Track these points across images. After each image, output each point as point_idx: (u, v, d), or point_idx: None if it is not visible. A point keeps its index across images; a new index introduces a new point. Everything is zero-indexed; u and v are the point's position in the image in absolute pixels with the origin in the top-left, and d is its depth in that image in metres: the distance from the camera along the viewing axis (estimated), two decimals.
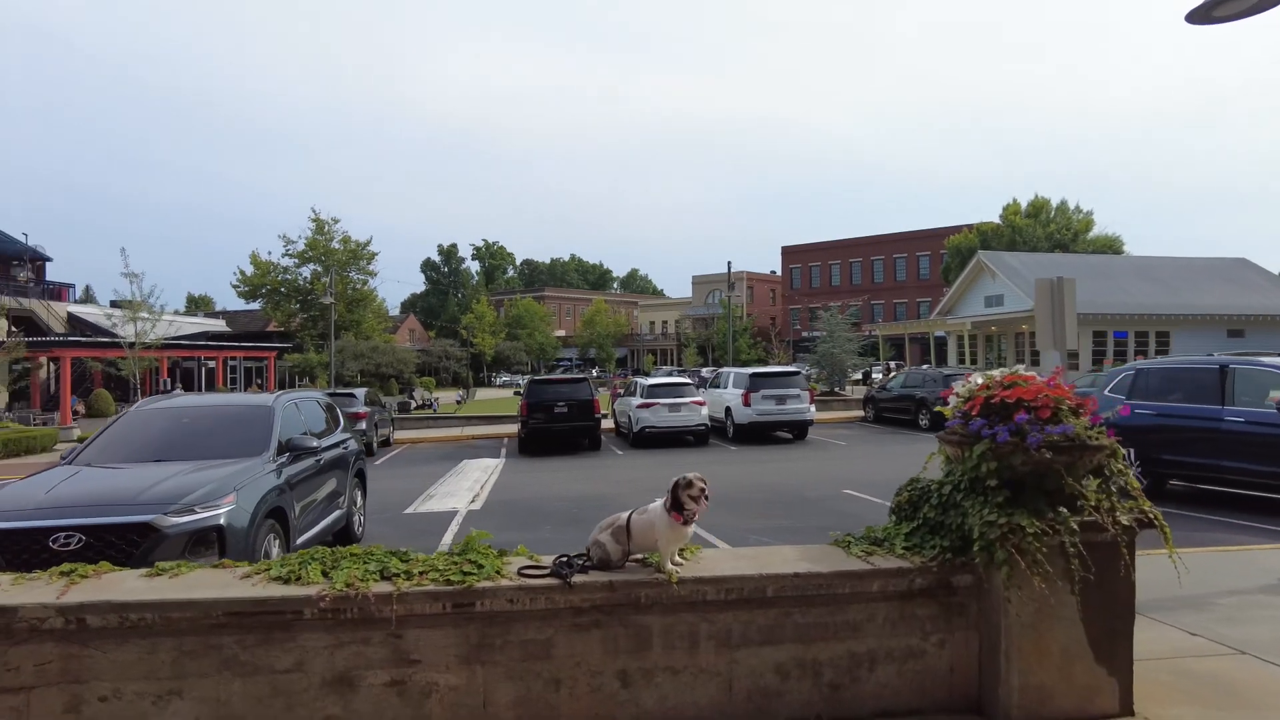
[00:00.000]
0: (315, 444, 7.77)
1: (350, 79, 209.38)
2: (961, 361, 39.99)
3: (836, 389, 34.03)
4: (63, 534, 5.46)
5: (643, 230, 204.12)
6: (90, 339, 31.18)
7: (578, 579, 3.43)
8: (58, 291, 40.14)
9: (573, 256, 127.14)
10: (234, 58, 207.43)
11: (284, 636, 3.25)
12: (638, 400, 21.87)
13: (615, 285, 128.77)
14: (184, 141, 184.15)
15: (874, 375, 36.46)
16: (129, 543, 5.55)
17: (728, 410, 22.75)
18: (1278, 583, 6.17)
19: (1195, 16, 6.60)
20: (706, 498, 3.52)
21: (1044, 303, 5.83)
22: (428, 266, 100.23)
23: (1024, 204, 51.19)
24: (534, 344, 71.11)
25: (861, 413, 28.77)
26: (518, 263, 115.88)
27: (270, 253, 45.10)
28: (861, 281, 73.33)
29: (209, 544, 5.87)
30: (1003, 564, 3.51)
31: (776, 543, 9.17)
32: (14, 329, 30.77)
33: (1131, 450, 11.17)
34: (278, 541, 6.77)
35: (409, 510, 12.14)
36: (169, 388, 32.76)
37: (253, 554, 6.16)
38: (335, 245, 42.80)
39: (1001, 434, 3.61)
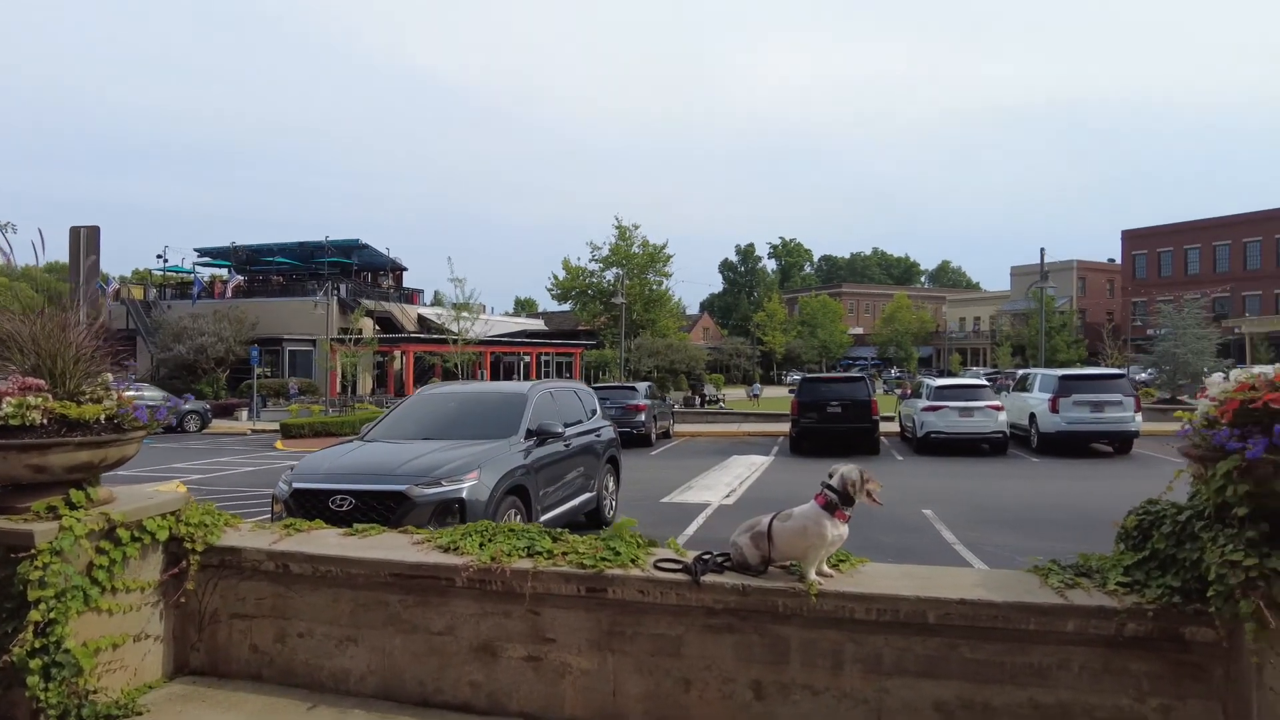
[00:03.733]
0: (561, 429, 8.35)
1: (652, 88, 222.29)
2: None
3: (1180, 396, 28.69)
4: (338, 496, 6.48)
5: (955, 220, 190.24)
6: (426, 335, 36.93)
7: (709, 578, 3.27)
8: (410, 296, 48.09)
9: (875, 250, 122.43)
10: (543, 70, 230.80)
11: (439, 601, 3.53)
12: (924, 403, 20.41)
13: (923, 279, 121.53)
14: (510, 155, 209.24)
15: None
16: (386, 508, 6.42)
17: (1031, 417, 20.36)
18: None
19: None
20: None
21: None
22: (725, 267, 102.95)
23: None
24: (819, 342, 69.57)
25: None
26: (815, 259, 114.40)
27: (579, 258, 49.52)
28: (1230, 268, 60.99)
29: (452, 513, 6.58)
30: (1247, 619, 2.68)
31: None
32: (377, 328, 37.62)
33: None
34: (519, 516, 7.38)
35: (665, 499, 12.54)
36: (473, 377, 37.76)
37: None
38: (635, 250, 45.77)
39: (1255, 448, 2.75)
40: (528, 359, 44.51)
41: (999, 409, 19.71)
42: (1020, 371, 23.38)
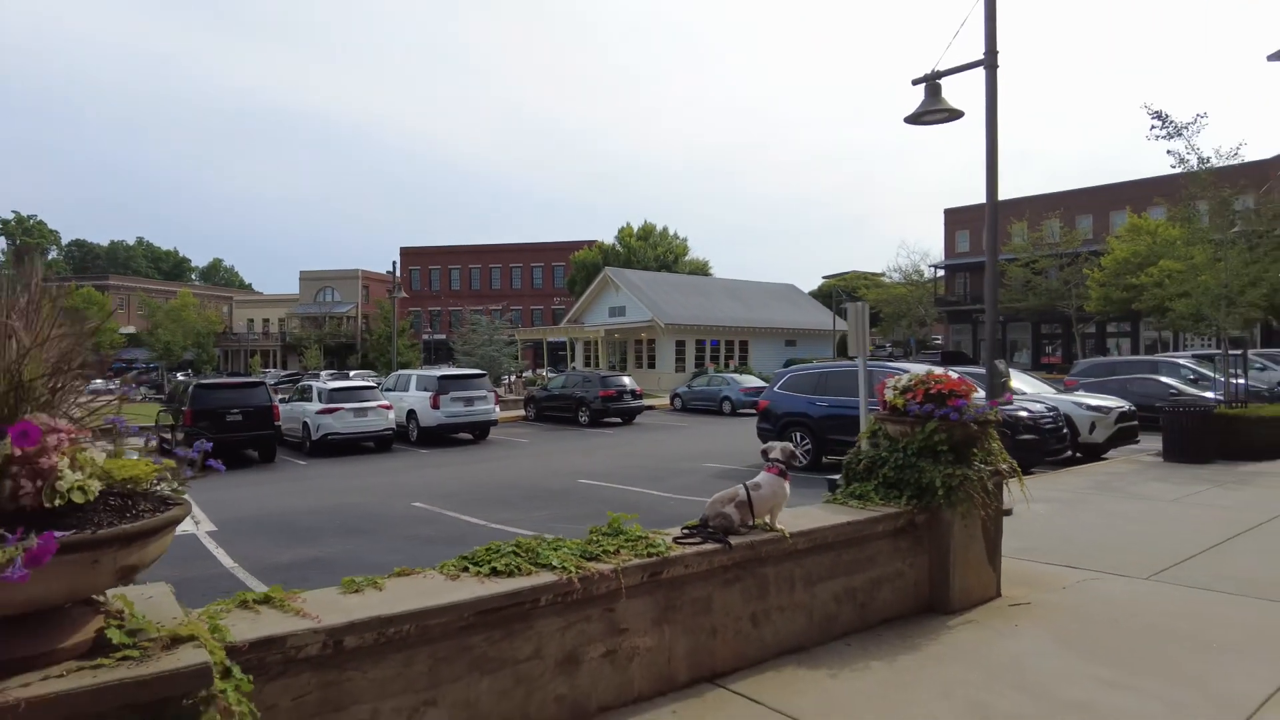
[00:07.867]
0: None
1: None
2: (588, 364, 44.01)
3: (497, 390, 35.21)
4: None
5: (227, 220, 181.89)
6: None
7: (734, 540, 4.15)
8: None
9: (140, 240, 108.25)
10: None
11: (523, 627, 3.41)
12: (317, 405, 20.55)
13: (195, 276, 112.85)
14: None
15: (523, 376, 38.38)
16: None
17: (410, 413, 22.50)
18: None
19: (911, 119, 9.27)
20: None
21: (854, 321, 7.82)
22: None
23: (636, 228, 58.14)
24: (162, 343, 59.17)
25: (522, 412, 30.37)
26: (64, 243, 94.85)
27: None
28: (480, 287, 75.42)
29: None
30: (961, 503, 5.09)
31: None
32: None
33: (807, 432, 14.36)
34: None
35: None
36: None
37: None
38: None
39: (954, 414, 5.19)
40: None
41: (389, 408, 21.32)
42: (399, 373, 25.46)
